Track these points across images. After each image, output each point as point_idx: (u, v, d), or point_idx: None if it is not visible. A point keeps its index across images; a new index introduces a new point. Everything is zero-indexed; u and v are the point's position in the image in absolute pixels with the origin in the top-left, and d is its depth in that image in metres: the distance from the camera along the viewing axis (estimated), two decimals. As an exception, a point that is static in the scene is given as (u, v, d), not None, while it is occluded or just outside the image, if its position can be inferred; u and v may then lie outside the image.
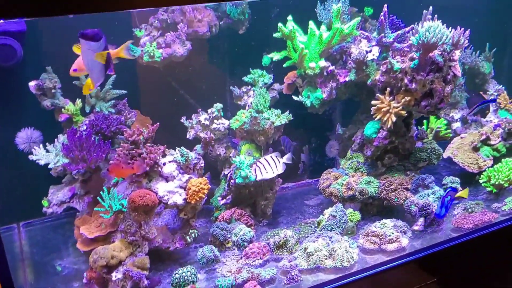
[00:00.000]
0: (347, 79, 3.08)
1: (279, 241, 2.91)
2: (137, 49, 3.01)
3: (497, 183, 3.24)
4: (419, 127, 3.41)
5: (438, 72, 2.76)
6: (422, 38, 2.62)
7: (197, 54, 3.18)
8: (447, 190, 2.88)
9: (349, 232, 3.03)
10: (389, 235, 2.88)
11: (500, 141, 3.46)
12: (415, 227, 3.02)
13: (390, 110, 2.81)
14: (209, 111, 3.07)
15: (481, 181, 3.32)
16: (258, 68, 3.24)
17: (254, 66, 3.23)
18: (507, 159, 3.36)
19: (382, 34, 2.83)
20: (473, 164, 3.43)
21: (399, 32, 2.86)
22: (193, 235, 2.83)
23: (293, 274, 2.67)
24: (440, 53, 2.72)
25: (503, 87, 3.88)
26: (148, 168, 2.61)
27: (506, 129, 3.43)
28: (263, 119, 2.92)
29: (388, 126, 2.85)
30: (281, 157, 2.91)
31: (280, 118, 2.97)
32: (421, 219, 3.03)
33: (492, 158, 3.45)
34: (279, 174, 2.97)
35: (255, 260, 2.84)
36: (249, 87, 3.21)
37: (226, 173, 3.04)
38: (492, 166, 3.36)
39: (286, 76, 3.26)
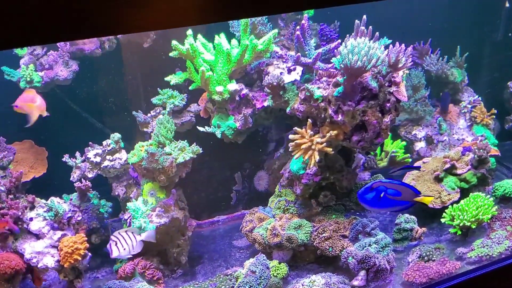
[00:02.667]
0: (265, 104, 2.45)
1: (181, 305, 2.37)
2: (14, 72, 2.43)
3: (461, 224, 2.60)
4: (370, 154, 2.78)
5: (373, 100, 2.12)
6: (345, 62, 1.97)
7: (92, 74, 2.59)
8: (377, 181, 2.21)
9: (273, 290, 2.46)
10: (319, 297, 2.31)
11: (469, 170, 2.81)
12: (355, 282, 2.40)
13: (313, 147, 2.18)
14: (104, 143, 2.49)
15: (443, 220, 2.69)
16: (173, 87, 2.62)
17: (166, 85, 2.62)
18: (475, 193, 2.69)
19: (299, 54, 2.17)
20: (435, 199, 2.80)
21: (320, 50, 2.20)
22: (74, 299, 2.30)
23: None
24: (373, 76, 2.07)
25: (479, 98, 3.19)
26: (7, 227, 2.07)
27: (476, 155, 2.77)
28: (163, 155, 2.32)
29: (311, 167, 2.24)
30: (140, 233, 2.33)
31: (185, 153, 2.36)
32: (362, 273, 2.42)
33: (458, 190, 2.80)
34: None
35: (150, 330, 2.31)
36: (158, 110, 2.61)
37: (126, 217, 2.48)
38: (459, 200, 2.72)
39: (201, 97, 2.64)
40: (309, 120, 2.19)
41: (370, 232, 2.50)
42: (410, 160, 2.93)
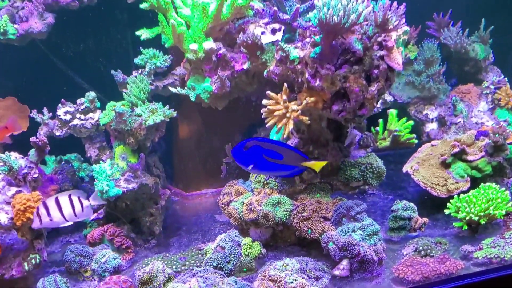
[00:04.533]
0: (245, 66, 2.16)
1: (143, 277, 2.15)
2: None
3: (468, 218, 2.21)
4: (369, 130, 2.45)
5: (357, 65, 1.80)
6: (320, 16, 1.66)
7: (78, 30, 2.40)
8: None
9: (245, 270, 2.20)
10: (290, 282, 2.03)
11: (482, 157, 2.41)
12: (336, 272, 2.09)
13: (288, 115, 1.89)
14: (78, 101, 2.30)
15: (447, 212, 2.31)
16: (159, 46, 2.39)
17: (152, 43, 2.39)
18: (487, 184, 2.28)
19: (275, 8, 1.86)
20: (440, 186, 2.42)
21: (299, 5, 1.86)
22: (33, 261, 2.14)
23: (138, 328, 1.92)
24: (359, 37, 1.75)
25: (505, 78, 2.74)
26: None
27: (491, 141, 2.37)
28: (131, 116, 2.10)
29: (285, 137, 1.95)
30: (88, 196, 2.07)
31: (156, 115, 2.13)
32: (345, 262, 2.11)
33: (468, 179, 2.41)
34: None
35: (108, 300, 2.11)
36: (141, 71, 2.39)
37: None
38: (469, 191, 2.30)
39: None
40: (285, 84, 1.90)
41: (355, 216, 2.18)
42: (416, 141, 2.56)
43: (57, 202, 1.98)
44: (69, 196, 2.01)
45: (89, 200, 2.07)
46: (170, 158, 2.75)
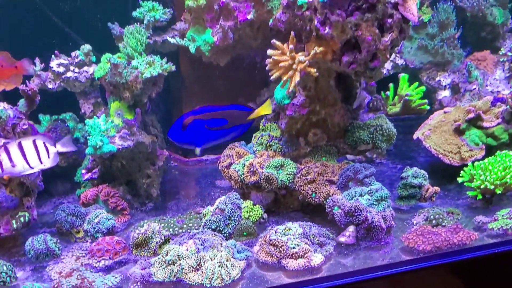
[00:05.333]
0: (249, 16, 2.01)
1: (137, 238, 2.02)
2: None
3: (483, 186, 2.06)
4: (380, 93, 2.30)
5: (370, 13, 1.65)
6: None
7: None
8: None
9: (245, 234, 2.07)
10: (292, 247, 1.89)
11: (499, 124, 2.26)
12: (341, 239, 1.94)
13: (294, 66, 1.74)
14: (73, 54, 2.16)
15: (460, 180, 2.16)
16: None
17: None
18: (504, 151, 2.13)
19: None
20: (453, 153, 2.28)
21: None
22: (21, 219, 2.01)
23: (130, 290, 1.79)
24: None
25: (524, 47, 2.59)
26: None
27: (509, 107, 2.21)
28: (128, 68, 1.95)
29: (290, 90, 1.80)
30: (56, 142, 1.86)
31: (153, 67, 1.98)
32: (351, 228, 1.97)
33: (483, 147, 2.26)
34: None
35: (100, 261, 1.99)
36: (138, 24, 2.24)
37: (91, 138, 2.15)
38: (484, 159, 2.15)
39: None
40: (292, 33, 1.75)
41: (363, 180, 2.04)
42: (427, 107, 2.41)
43: (20, 147, 1.78)
44: (34, 141, 1.82)
45: (56, 147, 1.88)
46: (169, 123, 2.60)
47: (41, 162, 1.83)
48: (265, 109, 1.80)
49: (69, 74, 2.11)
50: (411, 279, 1.89)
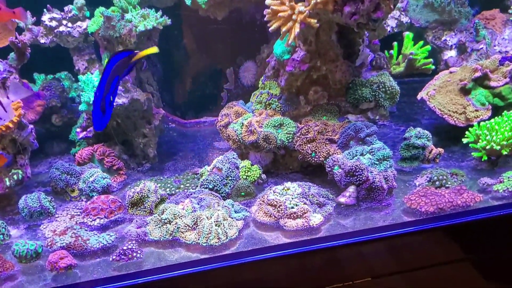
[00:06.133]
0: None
1: (133, 197, 1.97)
2: None
3: (489, 147, 1.98)
4: (383, 52, 2.20)
5: (375, -45, 1.55)
6: None
7: None
8: None
9: (243, 194, 2.00)
10: (291, 207, 1.83)
11: (506, 83, 2.16)
12: (341, 199, 1.88)
13: (294, 17, 1.65)
14: (66, 9, 2.06)
15: (465, 140, 2.08)
16: None
17: None
18: (512, 111, 2.08)
19: None
20: (458, 114, 2.19)
21: None
22: (15, 176, 1.96)
23: (125, 248, 1.74)
24: None
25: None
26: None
27: (519, 65, 2.11)
28: (121, 21, 1.86)
29: (289, 42, 1.71)
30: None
31: (147, 20, 1.88)
32: (352, 188, 1.90)
33: (490, 107, 2.17)
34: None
35: (95, 219, 1.94)
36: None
37: (85, 95, 2.07)
38: (490, 120, 2.06)
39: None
40: (293, -20, 1.65)
41: (365, 139, 1.96)
42: (432, 67, 2.31)
43: None
44: None
45: (8, 98, 1.74)
46: (168, 84, 2.52)
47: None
48: (151, 50, 1.66)
49: (62, 28, 2.02)
50: (413, 241, 1.83)
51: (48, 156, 2.38)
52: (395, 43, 2.32)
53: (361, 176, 1.86)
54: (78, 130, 2.15)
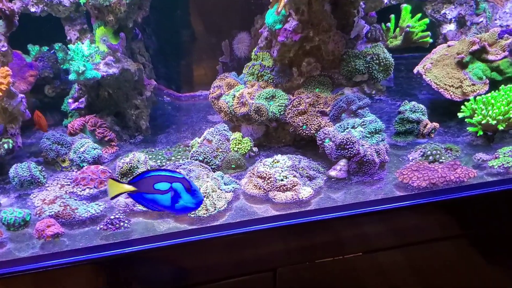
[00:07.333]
0: None
1: (122, 167, 1.94)
2: None
3: (484, 121, 1.93)
4: (379, 25, 2.13)
5: None
6: None
7: None
8: None
9: (233, 166, 1.97)
10: (281, 180, 1.80)
11: (505, 57, 2.09)
12: (332, 173, 1.84)
13: (282, -18, 1.58)
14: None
15: (460, 115, 2.02)
16: None
17: None
18: (509, 86, 1.96)
19: None
20: (454, 88, 2.12)
21: None
22: (5, 145, 1.94)
23: (113, 217, 1.72)
24: None
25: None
26: None
27: (518, 37, 2.03)
28: (110, -12, 1.81)
29: (279, 11, 1.65)
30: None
31: (137, -12, 1.84)
32: (343, 162, 1.86)
33: (487, 81, 2.10)
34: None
35: (85, 189, 1.92)
36: None
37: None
38: (487, 93, 2.00)
39: None
40: None
41: (356, 111, 1.91)
42: (430, 40, 2.24)
43: None
44: None
45: None
46: (162, 57, 2.48)
47: None
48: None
49: (53, -5, 1.97)
50: (404, 216, 1.79)
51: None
52: (392, 16, 2.25)
53: (352, 149, 1.81)
54: (70, 101, 2.12)
